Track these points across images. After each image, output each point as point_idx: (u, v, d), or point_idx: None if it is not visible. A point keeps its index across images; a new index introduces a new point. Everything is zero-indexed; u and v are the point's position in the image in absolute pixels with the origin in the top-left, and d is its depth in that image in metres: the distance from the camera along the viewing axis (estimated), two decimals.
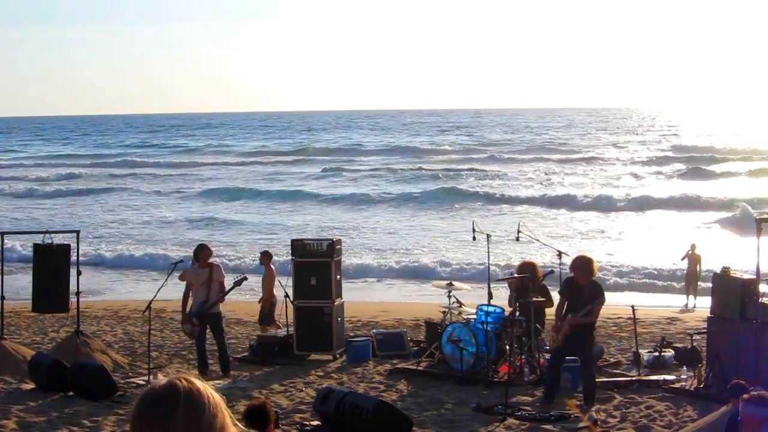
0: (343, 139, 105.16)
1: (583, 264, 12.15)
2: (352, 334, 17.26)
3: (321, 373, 14.63)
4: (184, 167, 69.37)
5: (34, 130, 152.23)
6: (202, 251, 14.49)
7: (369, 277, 27.28)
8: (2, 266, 15.26)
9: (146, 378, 13.86)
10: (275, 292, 17.05)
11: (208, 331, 14.55)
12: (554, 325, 12.48)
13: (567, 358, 12.33)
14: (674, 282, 24.48)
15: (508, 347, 13.67)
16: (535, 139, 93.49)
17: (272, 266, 17.42)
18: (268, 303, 17.22)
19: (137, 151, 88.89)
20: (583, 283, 12.00)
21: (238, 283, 14.58)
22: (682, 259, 22.61)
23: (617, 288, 24.01)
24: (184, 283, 14.73)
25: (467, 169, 59.87)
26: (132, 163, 72.92)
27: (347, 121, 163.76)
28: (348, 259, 25.09)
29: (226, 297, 14.64)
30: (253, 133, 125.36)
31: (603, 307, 12.54)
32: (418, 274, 27.24)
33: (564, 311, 12.18)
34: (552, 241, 23.86)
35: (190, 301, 14.60)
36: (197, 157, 78.93)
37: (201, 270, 14.28)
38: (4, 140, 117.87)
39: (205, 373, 14.19)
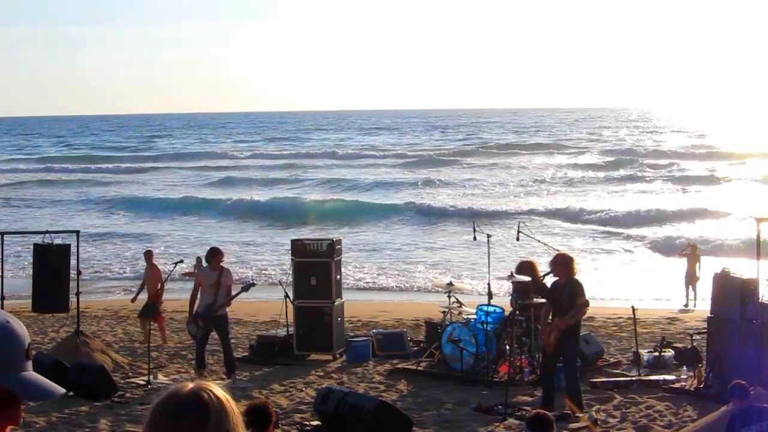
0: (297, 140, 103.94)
1: (564, 260, 11.94)
2: (352, 334, 17.26)
3: (321, 373, 14.63)
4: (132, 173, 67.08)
5: (19, 130, 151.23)
6: (216, 254, 14.48)
7: None
8: (2, 266, 15.25)
9: (146, 378, 13.86)
10: (158, 288, 17.48)
11: (214, 336, 14.53)
12: (541, 330, 12.32)
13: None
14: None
15: (508, 347, 13.66)
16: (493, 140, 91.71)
17: (155, 264, 17.84)
18: (154, 298, 17.46)
19: (88, 154, 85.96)
20: (563, 282, 11.79)
21: (245, 289, 14.61)
22: (680, 255, 22.61)
23: None
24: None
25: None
26: (64, 170, 69.84)
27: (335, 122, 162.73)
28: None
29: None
30: (232, 134, 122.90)
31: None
32: None
33: (551, 316, 11.95)
34: (550, 243, 23.81)
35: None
36: (148, 163, 75.27)
37: (211, 272, 14.30)
38: None
39: (201, 370, 14.21)
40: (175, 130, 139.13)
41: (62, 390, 2.26)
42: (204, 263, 15.31)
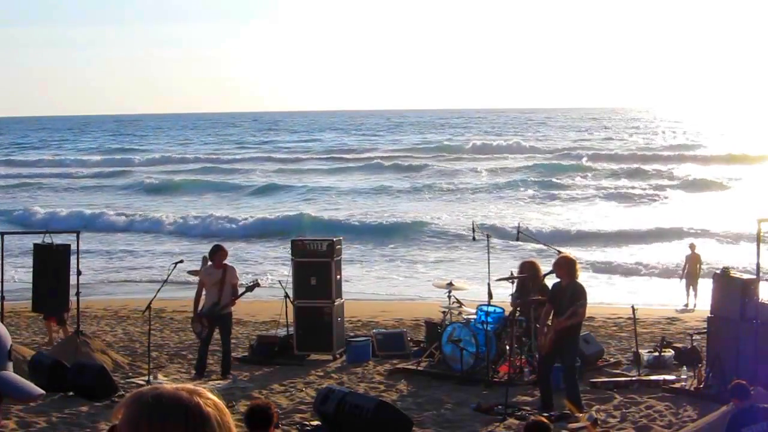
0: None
1: (567, 262, 11.95)
2: (352, 334, 17.26)
3: (321, 373, 14.63)
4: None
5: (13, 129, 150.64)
6: (218, 252, 14.36)
7: None
8: (2, 266, 15.25)
9: (146, 378, 13.84)
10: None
11: (214, 335, 14.42)
12: (540, 330, 12.35)
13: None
14: None
15: (508, 347, 13.66)
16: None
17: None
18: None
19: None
20: (565, 285, 11.81)
21: (250, 288, 14.56)
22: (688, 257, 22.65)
23: None
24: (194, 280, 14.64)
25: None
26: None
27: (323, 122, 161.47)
28: None
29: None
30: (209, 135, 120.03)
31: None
32: None
33: (550, 317, 11.99)
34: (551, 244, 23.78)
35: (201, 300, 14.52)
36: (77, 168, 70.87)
37: (215, 270, 14.20)
38: None
39: (201, 377, 14.14)
40: (157, 131, 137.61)
41: (41, 391, 2.29)
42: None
